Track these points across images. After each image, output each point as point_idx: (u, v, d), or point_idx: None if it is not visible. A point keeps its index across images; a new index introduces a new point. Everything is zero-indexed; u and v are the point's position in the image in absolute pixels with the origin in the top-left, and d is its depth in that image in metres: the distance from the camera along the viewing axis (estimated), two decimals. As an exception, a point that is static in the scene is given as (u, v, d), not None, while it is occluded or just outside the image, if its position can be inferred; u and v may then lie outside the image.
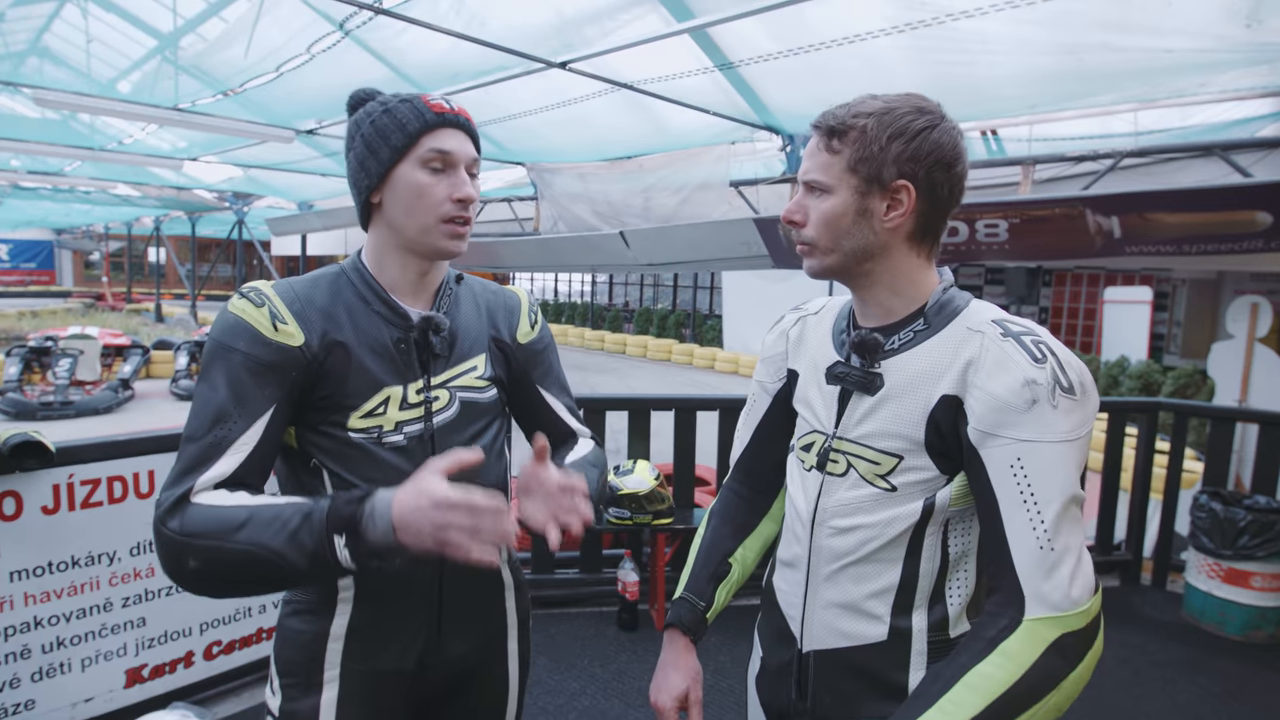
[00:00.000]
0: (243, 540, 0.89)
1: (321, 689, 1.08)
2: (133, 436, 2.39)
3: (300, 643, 1.09)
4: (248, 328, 0.99)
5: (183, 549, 0.91)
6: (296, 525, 0.89)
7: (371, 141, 1.04)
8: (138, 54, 6.73)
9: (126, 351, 9.85)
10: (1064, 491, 0.86)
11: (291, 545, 0.89)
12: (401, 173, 1.03)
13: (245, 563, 0.90)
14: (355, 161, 1.06)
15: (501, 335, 1.20)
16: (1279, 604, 3.34)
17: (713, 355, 14.33)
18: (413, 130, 1.02)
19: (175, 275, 27.75)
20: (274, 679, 1.12)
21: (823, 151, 0.99)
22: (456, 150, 1.04)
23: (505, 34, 4.48)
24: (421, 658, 1.12)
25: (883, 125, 0.94)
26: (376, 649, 1.10)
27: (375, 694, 1.11)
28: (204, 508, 0.93)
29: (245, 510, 0.92)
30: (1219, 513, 3.40)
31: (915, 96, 0.97)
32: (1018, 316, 0.96)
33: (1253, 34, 3.32)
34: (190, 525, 0.91)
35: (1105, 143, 4.71)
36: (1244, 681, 2.99)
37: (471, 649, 1.18)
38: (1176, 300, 12.78)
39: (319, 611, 1.09)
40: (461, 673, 1.18)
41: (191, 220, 17.91)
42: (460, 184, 1.05)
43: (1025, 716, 0.82)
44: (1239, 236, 3.66)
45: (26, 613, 2.16)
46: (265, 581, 0.95)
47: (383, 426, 1.05)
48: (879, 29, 3.72)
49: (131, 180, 11.98)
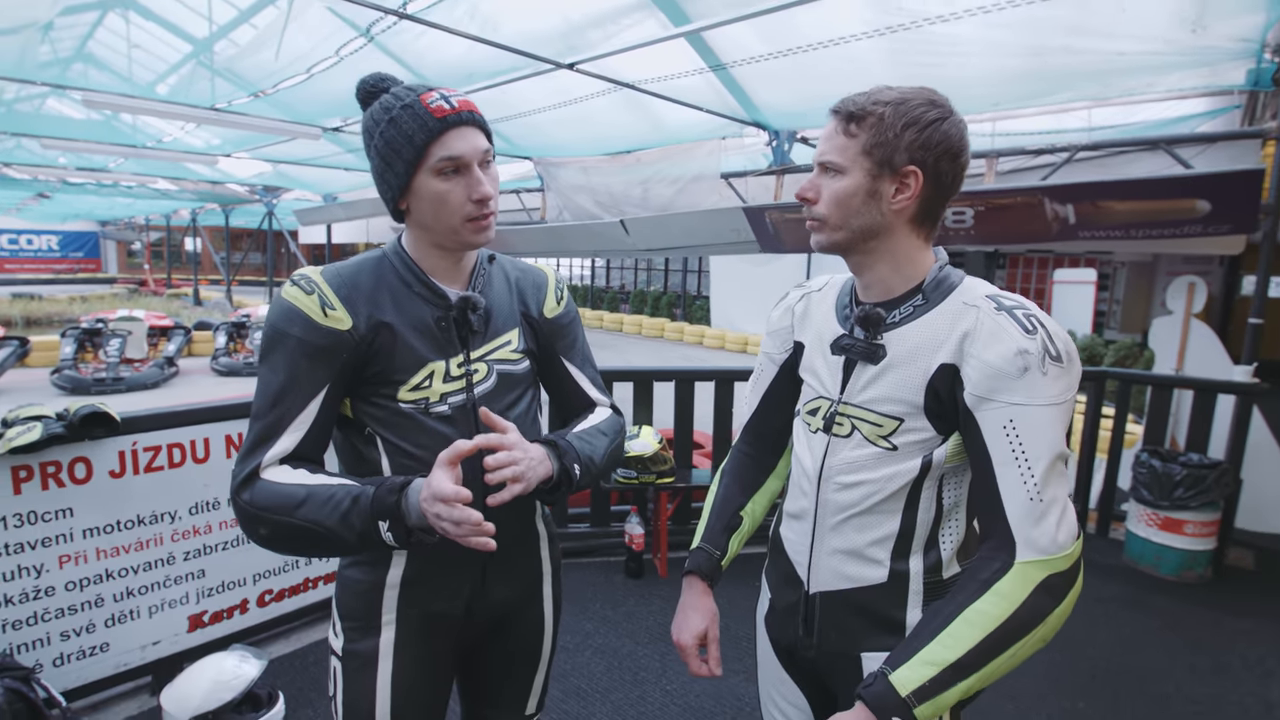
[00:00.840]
0: (302, 517, 0.93)
1: (380, 631, 1.09)
2: (189, 408, 2.37)
3: (359, 590, 1.10)
4: (300, 314, 0.98)
5: (254, 519, 0.95)
6: (346, 508, 0.93)
7: (386, 156, 1.00)
8: (174, 58, 6.57)
9: (170, 332, 9.75)
10: (1052, 449, 0.87)
11: (343, 525, 0.93)
12: (419, 184, 1.00)
13: (306, 535, 0.94)
14: (376, 173, 1.04)
15: (530, 311, 1.19)
16: (1208, 548, 3.41)
17: (701, 332, 14.33)
18: (419, 142, 0.97)
19: (210, 262, 27.41)
20: (336, 622, 1.13)
21: (840, 135, 0.97)
22: (466, 151, 0.99)
23: (516, 38, 4.40)
24: (469, 603, 1.13)
25: (898, 114, 0.93)
26: (429, 595, 1.11)
27: (428, 635, 1.12)
28: (270, 484, 0.95)
29: (304, 490, 0.95)
30: (1157, 469, 3.45)
31: (928, 90, 0.95)
32: (1009, 292, 0.96)
33: (1196, 38, 3.29)
34: (259, 499, 0.95)
35: (1061, 137, 4.69)
36: (1178, 616, 3.06)
37: (513, 594, 1.19)
38: (1116, 280, 12.83)
39: (376, 563, 1.10)
40: (503, 616, 1.19)
41: (225, 212, 17.64)
42: (476, 184, 1.00)
43: (1016, 647, 0.84)
44: (1180, 222, 3.66)
45: (99, 565, 2.17)
46: (325, 549, 0.98)
47: (429, 398, 1.05)
48: (860, 32, 3.66)
49: (170, 175, 11.79)
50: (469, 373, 1.08)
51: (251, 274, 26.72)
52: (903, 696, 0.83)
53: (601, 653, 2.65)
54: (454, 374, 1.07)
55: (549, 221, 7.76)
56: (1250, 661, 2.69)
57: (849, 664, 1.05)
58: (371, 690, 1.09)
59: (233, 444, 2.46)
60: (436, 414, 1.05)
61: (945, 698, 0.83)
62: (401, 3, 3.67)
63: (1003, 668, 0.84)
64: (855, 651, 1.04)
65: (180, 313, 14.38)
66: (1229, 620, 3.02)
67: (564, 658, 2.60)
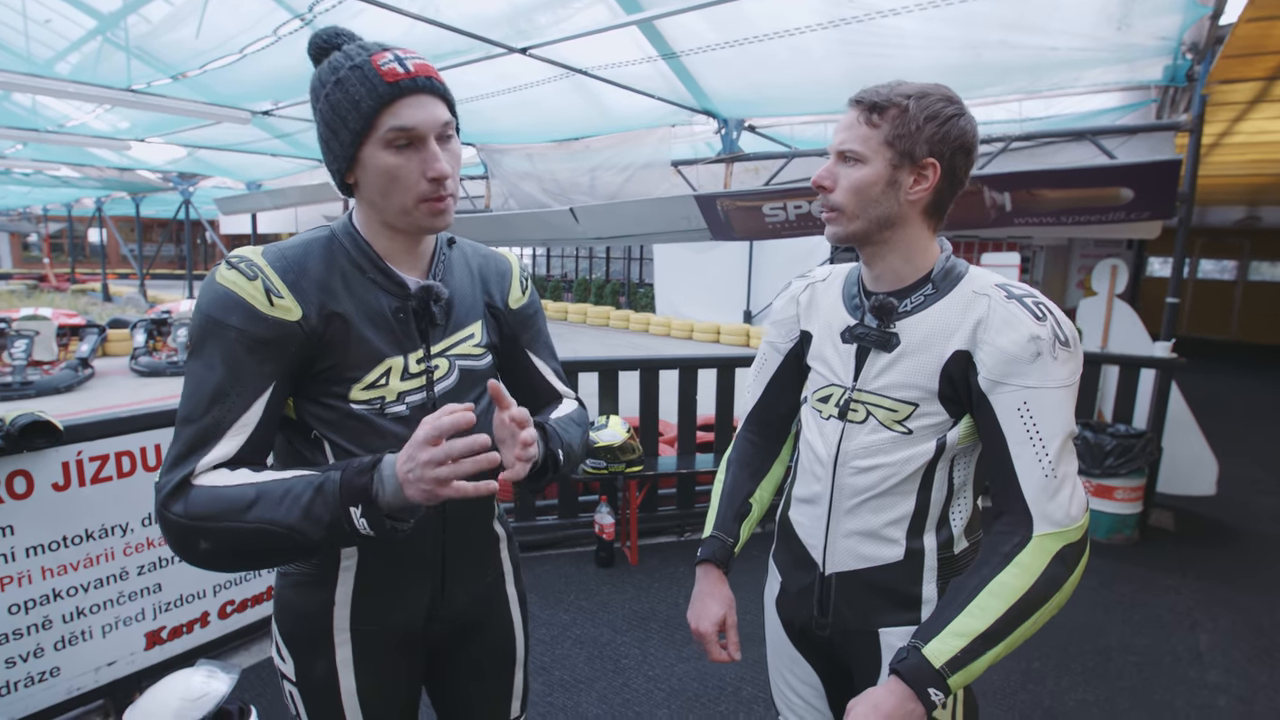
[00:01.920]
0: (254, 519, 0.81)
1: (334, 651, 1.01)
2: (138, 412, 2.23)
3: (305, 613, 1.01)
4: (241, 302, 0.86)
5: (191, 532, 0.82)
6: (309, 499, 0.81)
7: (330, 122, 0.88)
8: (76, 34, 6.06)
9: (82, 331, 9.05)
10: (1063, 429, 0.92)
11: (306, 520, 0.81)
12: (367, 156, 0.88)
13: (259, 540, 0.82)
14: (321, 141, 0.92)
15: (495, 301, 1.10)
16: (1136, 512, 3.69)
17: (647, 320, 14.37)
18: (367, 109, 0.86)
19: (117, 255, 25.58)
20: (280, 647, 1.04)
21: (862, 125, 0.99)
22: (421, 122, 0.87)
23: (459, 20, 4.26)
24: (429, 612, 1.06)
25: (921, 107, 0.96)
26: (384, 608, 1.02)
27: (388, 649, 1.05)
28: (207, 489, 0.83)
29: (253, 488, 0.83)
30: (1089, 439, 3.70)
31: (943, 87, 0.99)
32: (1015, 282, 1.01)
33: (1121, 36, 3.51)
34: (196, 508, 0.82)
35: (993, 128, 4.92)
36: (1110, 574, 3.31)
37: (474, 600, 1.12)
38: (1036, 263, 13.58)
39: (320, 580, 1.00)
40: (468, 623, 1.13)
41: (135, 201, 16.45)
42: (432, 160, 0.89)
43: (1037, 615, 0.89)
44: (1107, 209, 3.91)
45: (45, 585, 2.02)
46: (281, 555, 0.87)
47: (385, 397, 0.95)
48: (811, 24, 3.73)
49: (73, 162, 10.89)
50: (429, 369, 0.99)
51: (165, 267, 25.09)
52: (937, 668, 0.87)
53: (581, 643, 2.66)
54: (413, 371, 0.97)
55: (494, 209, 7.61)
56: (1179, 614, 2.95)
57: (867, 640, 1.09)
58: (339, 713, 1.02)
59: (186, 450, 2.32)
60: (393, 415, 0.96)
61: (975, 666, 0.88)
62: (346, -18, 3.49)
63: (1025, 634, 0.90)
64: (873, 628, 1.08)
65: (89, 310, 13.37)
66: (1157, 577, 3.29)
67: (543, 650, 2.59)
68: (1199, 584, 3.23)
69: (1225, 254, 13.85)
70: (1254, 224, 12.40)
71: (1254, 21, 2.71)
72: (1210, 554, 3.60)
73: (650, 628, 2.76)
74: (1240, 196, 9.08)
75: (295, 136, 7.88)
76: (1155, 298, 12.72)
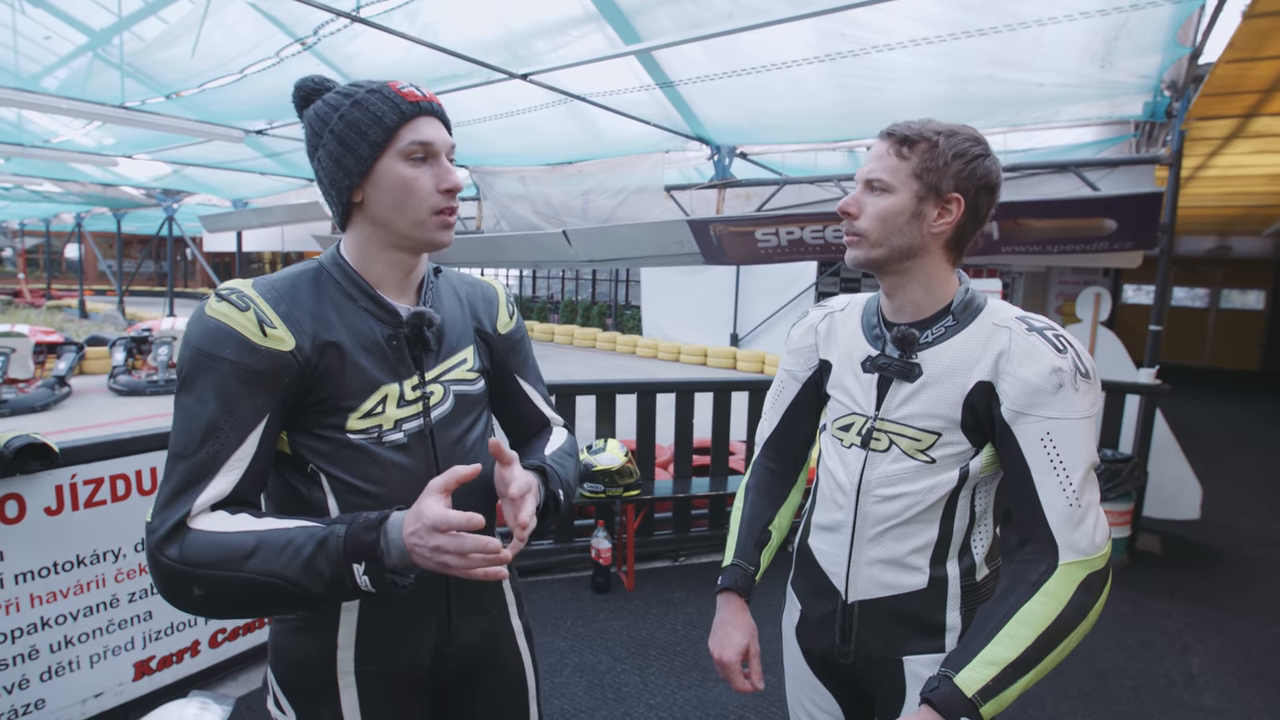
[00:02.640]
0: (253, 569, 0.80)
1: (340, 697, 0.98)
2: (135, 434, 2.19)
3: (305, 661, 0.98)
4: (233, 334, 0.85)
5: (185, 578, 0.80)
6: (311, 553, 0.80)
7: (345, 138, 0.91)
8: (65, 49, 6.03)
9: (60, 349, 8.86)
10: (1086, 459, 0.95)
11: (306, 573, 0.80)
12: (384, 168, 0.91)
13: (256, 590, 0.80)
14: (329, 160, 0.93)
15: (484, 326, 1.11)
16: (1124, 535, 3.75)
17: (634, 342, 14.40)
18: (390, 123, 0.90)
19: (95, 271, 25.20)
20: (280, 699, 1.00)
21: (891, 156, 1.02)
22: (435, 139, 0.93)
23: (456, 45, 4.31)
24: (436, 649, 1.04)
25: (949, 144, 1.00)
26: (389, 649, 1.00)
27: (397, 691, 1.02)
28: (206, 534, 0.81)
29: (252, 536, 0.81)
30: (1079, 465, 3.75)
31: (970, 128, 1.03)
32: (1034, 314, 1.04)
33: (1104, 73, 3.63)
34: (192, 554, 0.80)
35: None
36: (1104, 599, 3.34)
37: (481, 634, 1.10)
38: (1015, 290, 13.85)
39: (319, 626, 0.97)
40: (475, 659, 1.10)
41: (117, 217, 16.26)
42: (446, 173, 0.94)
43: (1066, 642, 0.91)
44: (1091, 238, 4.02)
45: (33, 614, 1.96)
46: (278, 606, 0.85)
47: (382, 425, 0.95)
48: (806, 57, 3.82)
49: (55, 177, 10.76)
50: (425, 396, 0.99)
51: (145, 283, 24.74)
52: (969, 696, 0.88)
53: (580, 671, 2.62)
54: (409, 398, 0.97)
55: (485, 231, 7.63)
56: (1170, 637, 2.98)
57: (890, 668, 1.10)
58: None
59: (182, 473, 2.29)
60: (390, 443, 0.95)
61: (1006, 695, 0.89)
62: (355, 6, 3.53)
63: (1054, 662, 0.91)
64: (897, 655, 1.09)
65: (65, 326, 13.12)
66: (1147, 601, 3.33)
67: (542, 679, 2.56)
68: (1188, 607, 3.28)
69: (1198, 282, 14.24)
70: (1225, 253, 12.79)
71: (1232, 63, 2.84)
72: (1197, 577, 3.66)
73: (649, 655, 2.74)
74: (1212, 227, 9.37)
75: (286, 156, 7.87)
76: (1129, 324, 13.04)
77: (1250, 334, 13.75)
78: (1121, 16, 3.06)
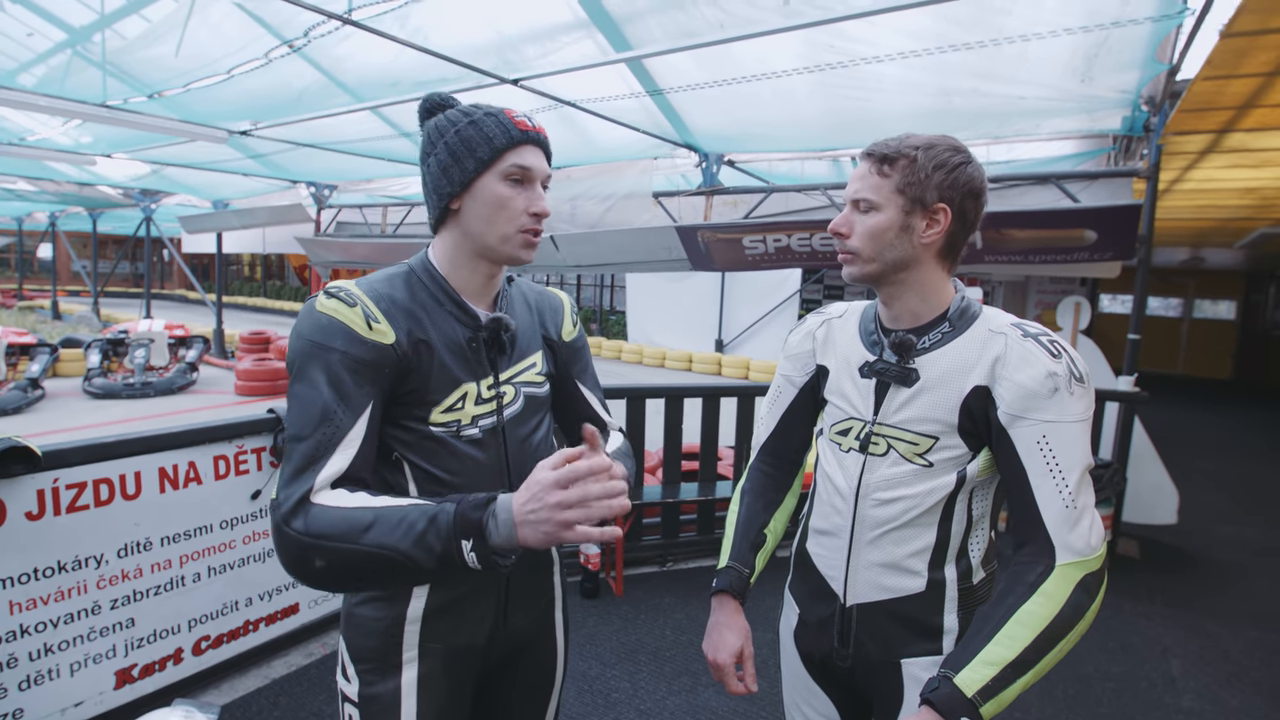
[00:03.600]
0: (370, 542, 0.86)
1: (401, 670, 1.05)
2: (119, 438, 2.16)
3: (376, 629, 1.05)
4: (343, 327, 0.95)
5: (309, 549, 0.87)
6: (423, 529, 0.86)
7: (456, 151, 1.00)
8: (42, 46, 5.93)
9: (33, 350, 8.67)
10: (1082, 461, 0.97)
11: (419, 548, 0.86)
12: (484, 184, 1.01)
13: (373, 563, 0.87)
14: (437, 167, 1.02)
15: (550, 334, 1.21)
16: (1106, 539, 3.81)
17: (619, 346, 14.41)
18: (499, 145, 1.00)
19: (68, 272, 24.71)
20: (347, 666, 1.07)
21: (874, 175, 1.05)
22: (535, 166, 1.03)
23: (447, 48, 4.31)
24: (491, 632, 1.12)
25: (929, 157, 1.02)
26: (453, 627, 1.08)
27: (451, 669, 1.09)
28: (328, 509, 0.88)
29: (370, 512, 0.87)
30: (1060, 471, 3.82)
31: (950, 138, 1.05)
32: (1028, 321, 1.07)
33: (1084, 88, 3.73)
34: (316, 526, 0.87)
35: (963, 169, 5.12)
36: (1085, 604, 3.40)
37: (530, 621, 1.18)
38: (995, 298, 14.08)
39: (394, 598, 1.05)
40: (520, 645, 1.18)
41: (93, 216, 15.98)
42: (537, 198, 1.04)
43: (1064, 642, 0.93)
44: (1071, 249, 4.11)
45: (12, 621, 1.92)
46: (393, 579, 0.91)
47: (460, 420, 1.03)
48: (794, 68, 3.87)
49: (30, 175, 10.55)
50: (499, 395, 1.08)
51: (119, 284, 24.30)
52: (969, 697, 0.90)
53: (570, 677, 2.62)
54: (485, 396, 1.06)
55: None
56: (1150, 640, 3.04)
57: (889, 671, 1.11)
58: None
59: (166, 477, 2.26)
60: (467, 437, 1.04)
61: (1006, 695, 0.91)
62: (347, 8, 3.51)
63: (1053, 662, 0.93)
64: (895, 659, 1.11)
65: (37, 328, 12.85)
66: (1127, 605, 3.39)
67: (532, 685, 2.54)
68: (1167, 611, 3.34)
69: (1172, 292, 14.57)
70: (1198, 264, 13.10)
71: (1209, 80, 2.93)
72: (1176, 581, 3.73)
73: (639, 660, 2.74)
74: (1186, 239, 9.60)
75: (270, 157, 7.79)
76: (1105, 333, 13.29)
77: (1223, 343, 14.09)
78: (1102, 33, 3.15)
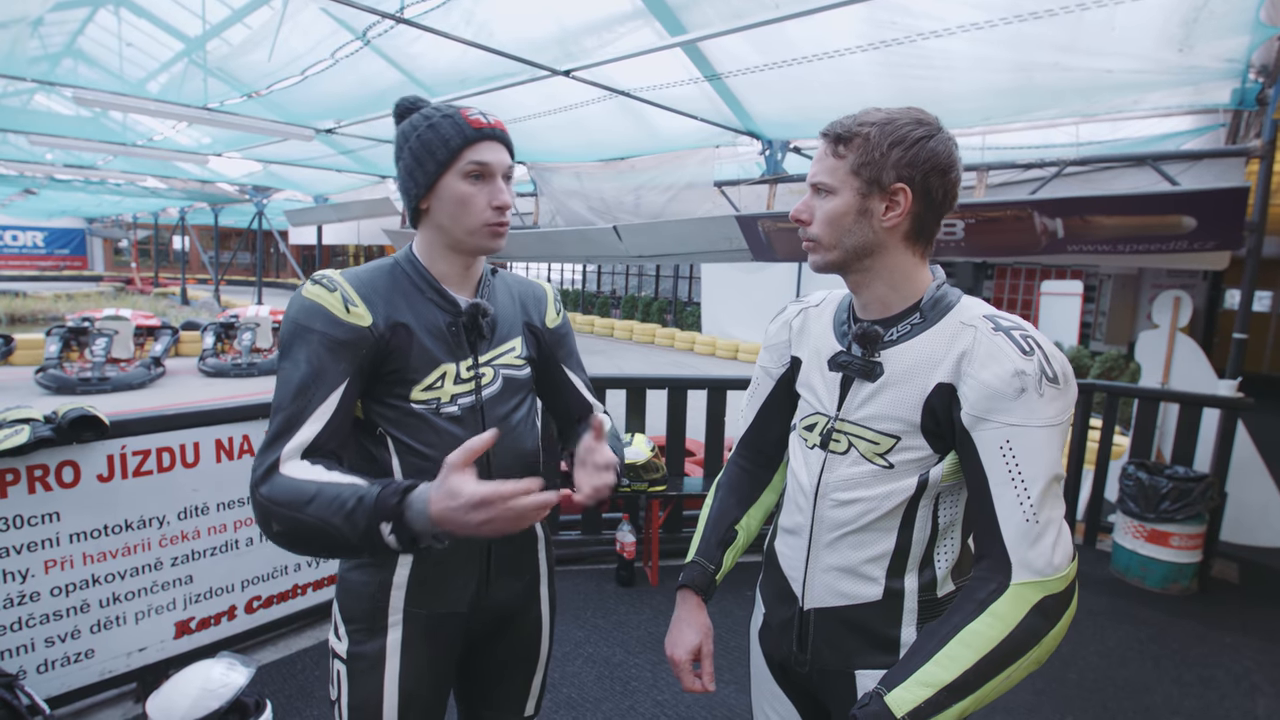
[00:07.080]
0: (311, 514, 0.92)
1: (386, 632, 1.11)
2: (179, 411, 2.35)
3: (365, 593, 1.12)
4: (323, 310, 1.01)
5: (268, 514, 0.94)
6: (351, 508, 0.90)
7: (419, 154, 1.06)
8: (166, 56, 6.53)
9: (157, 332, 9.65)
10: (1048, 471, 0.87)
11: (347, 524, 0.90)
12: (446, 183, 1.06)
13: (315, 533, 0.92)
14: (404, 172, 1.08)
15: (533, 321, 1.26)
16: (1193, 560, 3.45)
17: (692, 338, 14.34)
18: (455, 145, 1.04)
19: (198, 261, 27.18)
20: (339, 625, 1.14)
21: (829, 156, 0.99)
22: (493, 161, 1.07)
23: (511, 44, 4.39)
24: (473, 601, 1.16)
25: (884, 134, 0.94)
26: (436, 595, 1.13)
27: (433, 635, 1.14)
28: (286, 479, 0.95)
29: (315, 486, 0.93)
30: (1144, 481, 3.48)
31: (915, 110, 0.96)
32: (1006, 312, 0.97)
33: (1183, 58, 3.34)
34: (274, 493, 0.94)
35: (1049, 152, 4.74)
36: (1164, 628, 3.09)
37: (514, 593, 1.23)
38: (1103, 292, 12.95)
39: (381, 564, 1.12)
40: (503, 617, 1.23)
41: (214, 211, 17.49)
42: (498, 192, 1.08)
43: (1011, 669, 0.84)
44: (1166, 238, 3.71)
45: (85, 571, 2.14)
46: (333, 550, 0.95)
47: (440, 399, 1.09)
48: (854, 46, 3.69)
49: (159, 174, 11.67)
50: (477, 375, 1.13)
51: (240, 274, 26.51)
52: (898, 718, 0.83)
53: (592, 661, 2.64)
54: (464, 376, 1.12)
55: (541, 226, 7.76)
56: (1235, 675, 2.72)
57: (843, 681, 1.05)
58: (379, 692, 1.10)
59: (223, 449, 2.44)
60: (446, 414, 1.09)
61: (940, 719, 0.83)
62: (399, 7, 3.66)
63: (998, 689, 0.84)
64: (849, 669, 1.04)
65: (167, 312, 14.23)
66: (1214, 634, 3.05)
67: (555, 666, 2.59)
68: (1262, 644, 2.98)
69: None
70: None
71: (1327, 43, 2.55)
72: (1277, 611, 3.32)
73: (663, 651, 2.72)
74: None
75: (358, 153, 8.24)
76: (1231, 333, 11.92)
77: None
78: (1200, -5, 2.81)
